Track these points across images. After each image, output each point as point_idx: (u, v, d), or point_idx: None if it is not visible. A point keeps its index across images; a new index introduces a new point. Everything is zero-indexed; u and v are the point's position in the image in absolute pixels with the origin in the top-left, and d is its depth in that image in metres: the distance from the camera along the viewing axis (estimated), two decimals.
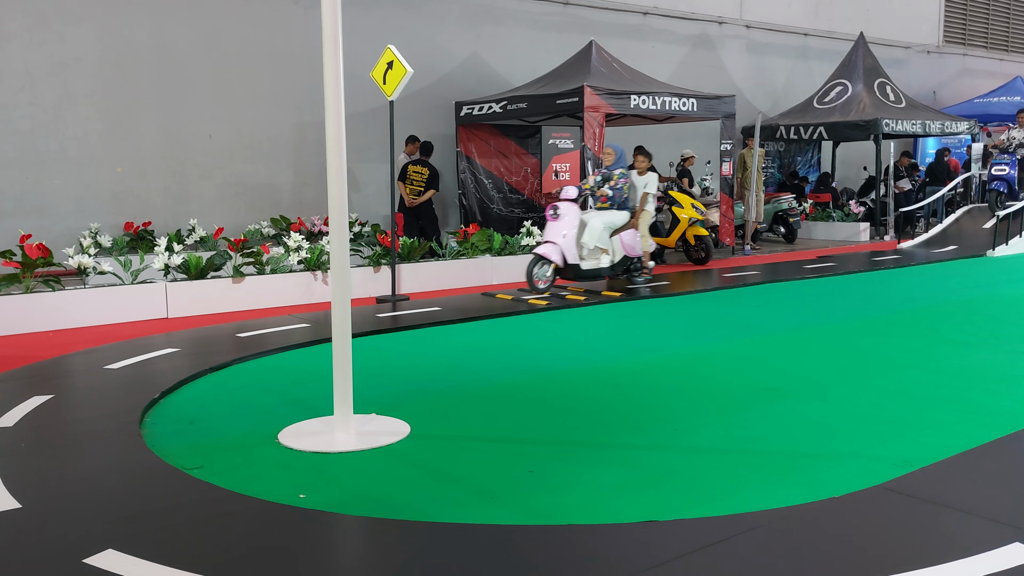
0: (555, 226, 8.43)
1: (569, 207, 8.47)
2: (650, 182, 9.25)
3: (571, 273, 8.53)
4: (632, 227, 8.96)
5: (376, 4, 12.09)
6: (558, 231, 8.39)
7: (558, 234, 8.39)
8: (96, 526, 3.01)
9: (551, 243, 8.41)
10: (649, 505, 3.27)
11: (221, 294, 7.81)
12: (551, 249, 8.39)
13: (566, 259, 8.42)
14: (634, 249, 8.95)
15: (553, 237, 8.41)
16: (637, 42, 14.98)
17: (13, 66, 9.72)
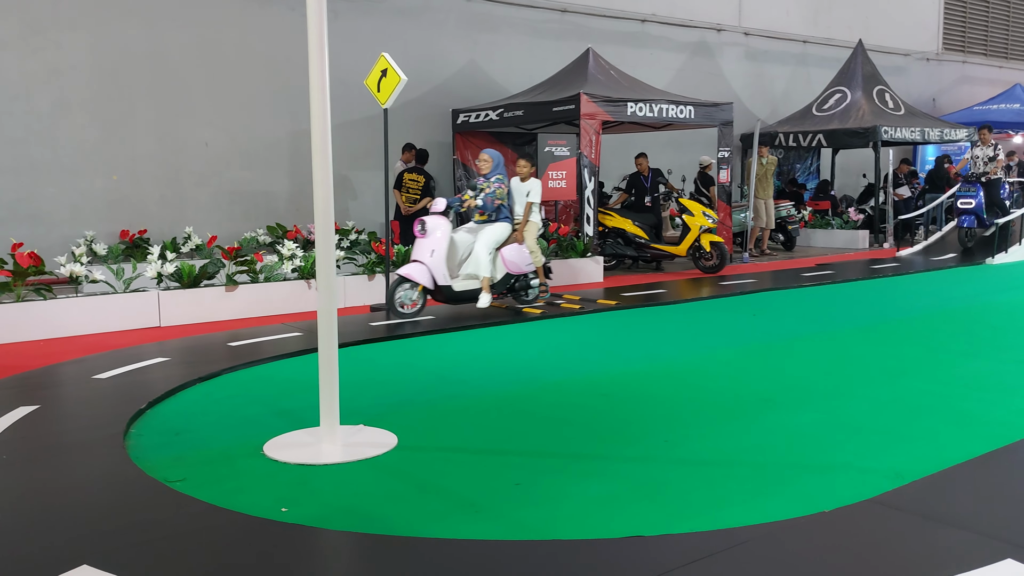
0: (423, 243, 7.42)
1: (438, 222, 7.45)
2: (533, 190, 8.25)
3: (442, 296, 7.55)
4: (516, 241, 7.97)
5: (373, 11, 12.08)
6: (426, 249, 7.39)
7: (425, 252, 7.38)
8: (72, 541, 2.96)
9: (418, 263, 7.40)
10: (637, 519, 3.22)
11: (214, 302, 7.77)
12: (418, 270, 7.35)
13: (436, 280, 7.42)
14: (518, 266, 7.93)
15: (420, 256, 7.41)
16: (635, 49, 14.97)
17: (8, 74, 9.70)
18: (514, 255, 7.91)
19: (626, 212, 11.50)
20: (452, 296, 7.60)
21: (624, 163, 14.18)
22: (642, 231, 11.29)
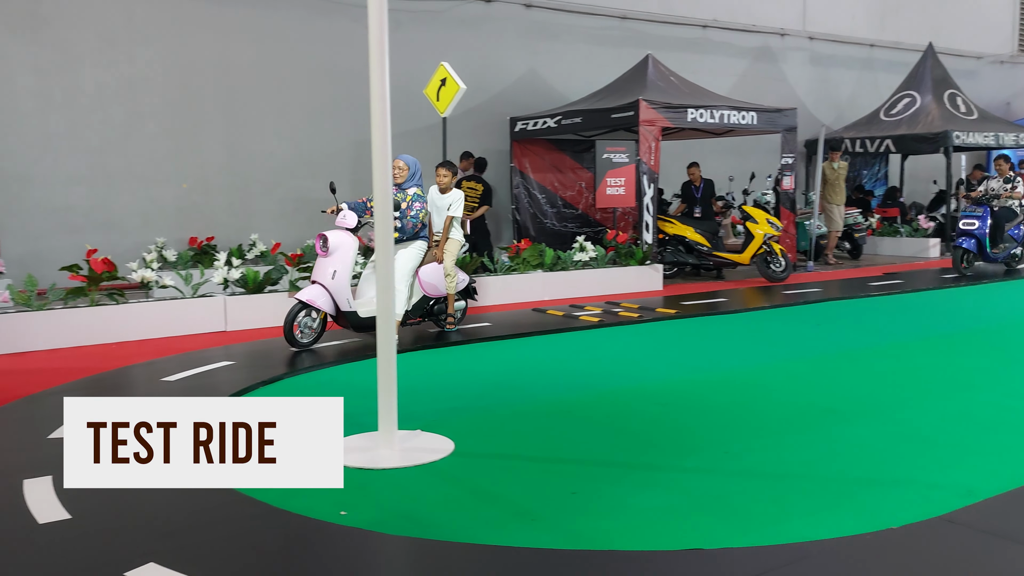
0: (324, 263, 6.40)
1: (342, 239, 6.45)
2: (454, 203, 7.15)
3: (347, 322, 6.53)
4: (434, 260, 7.05)
5: (434, 21, 12.22)
6: (326, 270, 6.38)
7: (326, 274, 6.38)
8: (139, 539, 3.05)
9: (318, 285, 6.37)
10: (695, 532, 3.17)
11: (277, 308, 7.92)
12: (317, 294, 6.33)
13: (338, 305, 6.42)
14: (437, 288, 7.02)
15: (320, 277, 6.39)
16: (696, 55, 14.82)
17: (85, 86, 10.09)
18: (433, 276, 6.99)
19: (687, 220, 11.37)
20: (359, 324, 6.53)
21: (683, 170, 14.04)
22: (704, 239, 11.15)
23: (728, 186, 13.06)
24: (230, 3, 10.90)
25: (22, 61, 9.68)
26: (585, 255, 10.00)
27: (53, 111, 9.92)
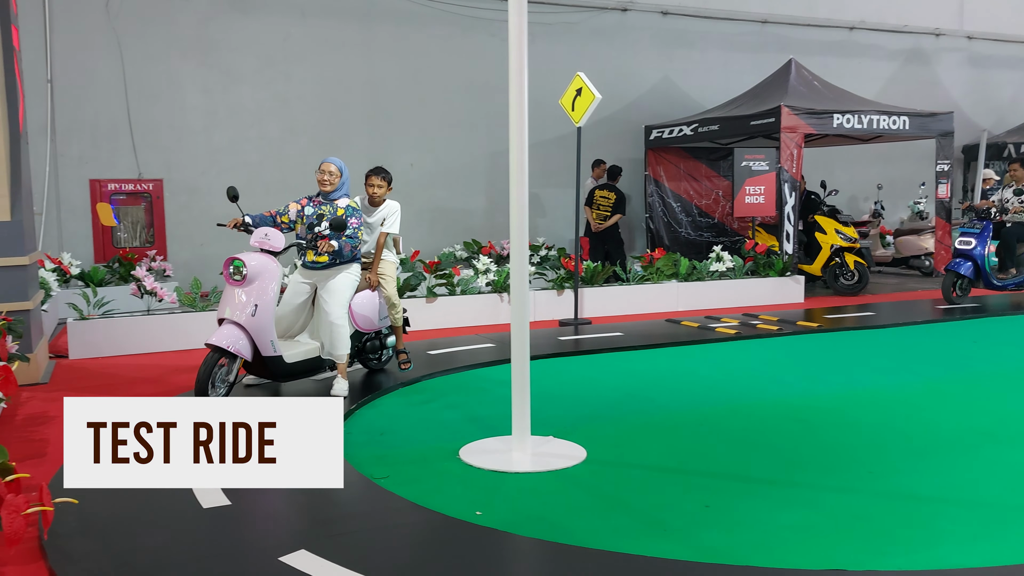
0: (238, 295, 4.91)
1: (265, 264, 4.98)
2: (390, 217, 5.89)
3: (266, 369, 5.11)
4: (368, 286, 5.74)
5: (569, 33, 12.34)
6: (243, 304, 4.87)
7: (243, 309, 4.86)
8: (292, 527, 3.27)
9: (231, 325, 4.87)
10: (836, 552, 3.06)
11: (416, 313, 8.22)
12: (232, 336, 4.81)
13: (258, 348, 4.94)
14: (371, 321, 5.75)
15: (235, 314, 4.86)
16: (841, 59, 14.21)
17: (245, 104, 10.84)
18: (366, 307, 5.69)
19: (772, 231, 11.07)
20: (284, 371, 5.14)
21: (827, 178, 13.48)
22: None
23: (876, 194, 12.45)
24: (377, 23, 11.42)
25: (192, 82, 10.52)
26: (722, 265, 9.79)
27: (217, 127, 10.72)
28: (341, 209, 5.39)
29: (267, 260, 5.02)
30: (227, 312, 4.87)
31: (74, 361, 6.66)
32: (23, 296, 5.90)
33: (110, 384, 5.88)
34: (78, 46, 10.01)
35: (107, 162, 10.23)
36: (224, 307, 4.90)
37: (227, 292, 4.94)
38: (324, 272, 5.38)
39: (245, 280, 4.88)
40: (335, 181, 5.46)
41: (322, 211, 5.42)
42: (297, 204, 5.53)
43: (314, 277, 5.40)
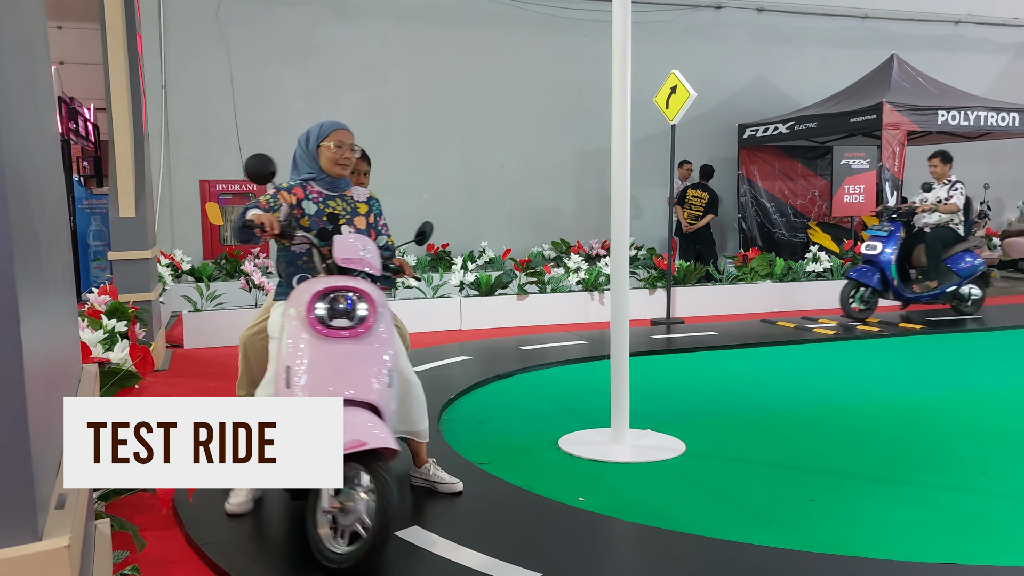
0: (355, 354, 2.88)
1: (383, 298, 3.04)
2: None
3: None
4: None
5: (661, 31, 12.28)
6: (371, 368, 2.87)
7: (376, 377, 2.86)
8: (404, 505, 3.40)
9: (362, 409, 2.79)
10: (948, 548, 3.00)
11: (507, 309, 8.36)
12: (377, 427, 2.72)
13: (389, 441, 2.73)
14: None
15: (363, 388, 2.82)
16: (946, 54, 13.68)
17: (343, 107, 11.21)
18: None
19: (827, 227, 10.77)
20: None
21: (930, 177, 13.01)
22: (837, 246, 10.48)
23: (983, 194, 11.94)
24: (470, 25, 11.63)
25: (295, 86, 10.95)
26: (819, 266, 9.58)
27: None
28: (363, 204, 3.43)
29: (380, 291, 3.10)
30: (347, 386, 2.74)
31: (189, 350, 7.04)
32: (146, 287, 6.29)
33: (222, 371, 6.20)
34: (190, 53, 10.56)
35: (215, 164, 10.76)
36: (332, 376, 2.76)
37: (329, 350, 2.79)
38: None
39: (367, 328, 2.84)
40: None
41: (333, 207, 3.31)
42: (289, 194, 3.26)
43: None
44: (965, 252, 8.11)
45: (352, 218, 3.34)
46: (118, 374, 3.51)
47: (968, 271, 8.05)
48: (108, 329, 4.40)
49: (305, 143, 3.40)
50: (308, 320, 2.81)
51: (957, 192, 8.00)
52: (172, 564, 2.89)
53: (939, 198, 8.14)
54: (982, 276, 8.19)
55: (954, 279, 8.06)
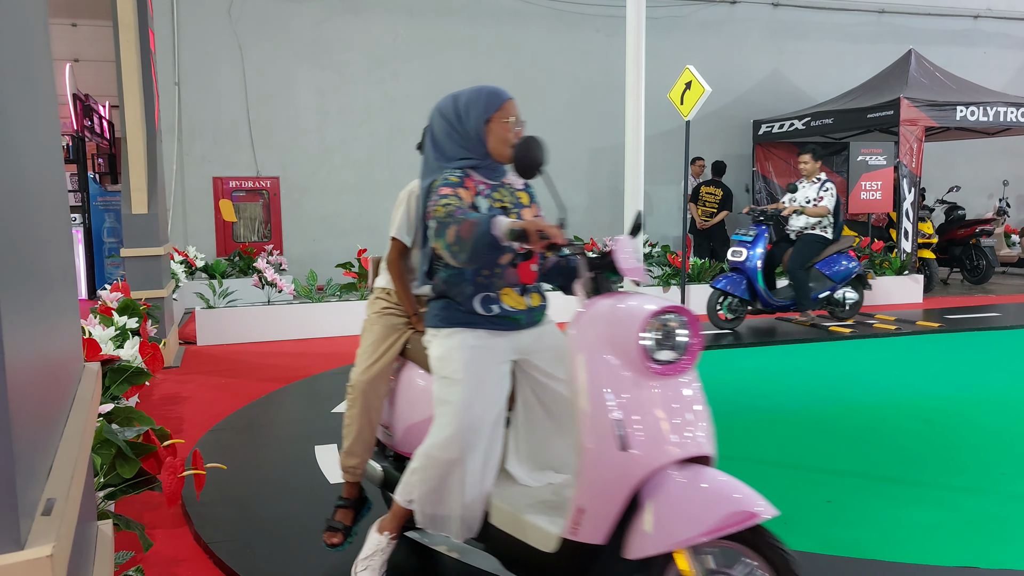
0: (686, 397, 2.19)
1: None
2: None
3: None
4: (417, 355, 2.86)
5: (676, 27, 12.19)
6: (700, 411, 2.20)
7: (704, 422, 2.19)
8: None
9: (705, 469, 2.10)
10: (966, 550, 2.94)
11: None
12: (745, 492, 2.03)
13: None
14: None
15: (701, 440, 2.15)
16: (964, 49, 13.52)
17: (355, 103, 11.20)
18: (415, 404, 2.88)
19: None
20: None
21: (948, 173, 12.87)
22: None
23: (1001, 190, 11.80)
24: (483, 21, 11.59)
25: (306, 82, 10.95)
26: None
27: (328, 127, 11.11)
28: (523, 192, 2.72)
29: None
30: (688, 438, 2.11)
31: (201, 347, 7.05)
32: (158, 284, 6.29)
33: (233, 368, 6.20)
34: (202, 50, 10.57)
35: (228, 161, 10.77)
36: (671, 426, 2.09)
37: (660, 392, 2.12)
38: (538, 330, 2.58)
39: (692, 360, 2.21)
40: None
41: (500, 200, 2.57)
42: (466, 191, 2.48)
43: (517, 342, 2.52)
44: (839, 255, 7.64)
45: (520, 212, 2.60)
46: (128, 371, 3.49)
47: (843, 275, 7.63)
48: (119, 326, 4.39)
49: (457, 118, 2.57)
50: (634, 353, 2.06)
51: (828, 193, 7.44)
52: (180, 562, 2.88)
53: (808, 198, 7.56)
54: (858, 278, 7.85)
55: (827, 284, 7.63)
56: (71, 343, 1.43)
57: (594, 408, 2.07)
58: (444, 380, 2.39)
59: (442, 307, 2.49)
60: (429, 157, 2.59)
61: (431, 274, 2.52)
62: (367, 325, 2.98)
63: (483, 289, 2.43)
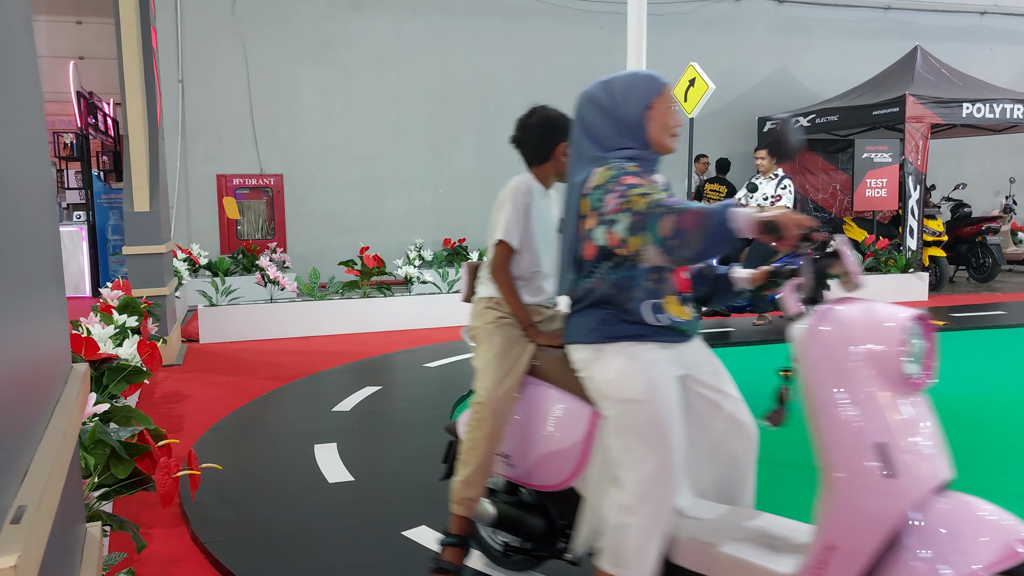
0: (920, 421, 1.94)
1: None
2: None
3: None
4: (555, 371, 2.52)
5: (680, 23, 12.14)
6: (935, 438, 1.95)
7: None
8: (412, 504, 3.36)
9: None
10: None
11: None
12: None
13: None
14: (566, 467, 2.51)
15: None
16: (971, 45, 13.44)
17: (358, 101, 11.19)
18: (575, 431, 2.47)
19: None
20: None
21: (954, 171, 12.80)
22: None
23: (1008, 188, 11.73)
24: (486, 17, 11.56)
25: (309, 80, 10.93)
26: None
27: (332, 124, 11.10)
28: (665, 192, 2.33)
29: None
30: (941, 461, 1.94)
31: (204, 345, 7.05)
32: (160, 282, 6.28)
33: (235, 367, 6.19)
34: (206, 48, 10.56)
35: (231, 158, 10.77)
36: (924, 453, 1.89)
37: (914, 410, 1.92)
38: (695, 342, 2.43)
39: (930, 374, 1.97)
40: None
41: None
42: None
43: (682, 355, 2.33)
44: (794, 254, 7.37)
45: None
46: (126, 370, 3.48)
47: None
48: (119, 324, 4.39)
49: (613, 104, 2.31)
50: (895, 367, 1.85)
51: (786, 191, 7.17)
52: (177, 562, 2.86)
53: (766, 195, 7.25)
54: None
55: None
56: (56, 344, 1.41)
57: (848, 431, 1.84)
58: (626, 404, 2.06)
59: (600, 319, 2.15)
60: (582, 148, 2.30)
61: (577, 280, 2.20)
62: (482, 336, 2.64)
63: (652, 296, 2.16)
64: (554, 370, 2.43)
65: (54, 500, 0.96)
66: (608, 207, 2.01)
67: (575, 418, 2.32)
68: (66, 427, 1.16)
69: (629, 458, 2.03)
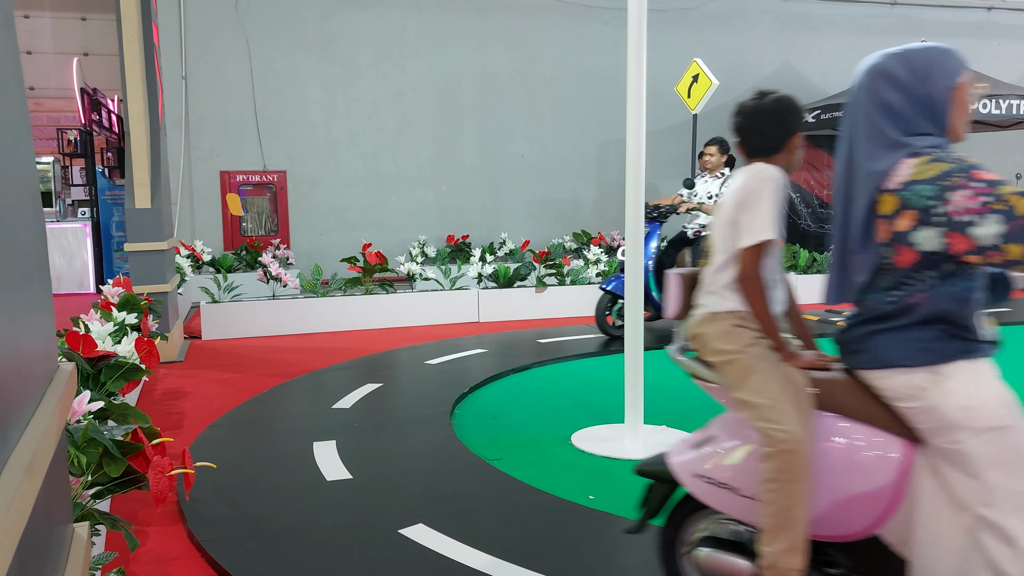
0: None
1: None
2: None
3: None
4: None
5: (685, 19, 12.10)
6: None
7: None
8: (410, 501, 3.35)
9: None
10: None
11: (525, 302, 8.28)
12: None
13: None
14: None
15: None
16: (978, 41, 13.36)
17: (362, 97, 11.17)
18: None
19: None
20: None
21: None
22: None
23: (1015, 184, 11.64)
24: (490, 13, 11.53)
25: (313, 76, 10.92)
26: None
27: (335, 120, 11.09)
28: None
29: None
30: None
31: (206, 342, 7.05)
32: (162, 279, 6.29)
33: (237, 363, 6.19)
34: (209, 44, 10.56)
35: (235, 154, 10.77)
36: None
37: None
38: None
39: None
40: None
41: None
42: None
43: None
44: None
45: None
46: (124, 367, 3.48)
47: None
48: (118, 321, 4.38)
49: (913, 80, 1.94)
50: None
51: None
52: (173, 561, 2.86)
53: (710, 193, 6.75)
54: None
55: None
56: (41, 342, 1.40)
57: None
58: (990, 433, 1.81)
59: (934, 336, 1.89)
60: (877, 132, 1.94)
61: (884, 292, 1.93)
62: (745, 363, 2.16)
63: (982, 306, 1.93)
64: (845, 398, 2.05)
65: (27, 504, 0.95)
66: (958, 206, 1.75)
67: (883, 454, 1.97)
68: (46, 428, 1.15)
69: (1014, 500, 1.75)
